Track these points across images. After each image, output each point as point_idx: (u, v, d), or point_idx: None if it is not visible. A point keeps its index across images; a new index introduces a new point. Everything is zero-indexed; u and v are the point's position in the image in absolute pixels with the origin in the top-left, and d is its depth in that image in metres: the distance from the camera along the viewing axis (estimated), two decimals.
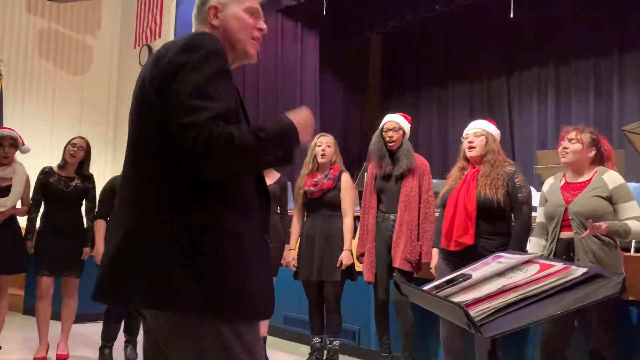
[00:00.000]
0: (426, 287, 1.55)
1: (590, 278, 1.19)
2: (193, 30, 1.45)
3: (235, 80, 1.34)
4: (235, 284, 1.23)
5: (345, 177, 3.67)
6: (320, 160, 3.66)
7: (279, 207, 3.89)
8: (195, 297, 1.18)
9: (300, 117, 1.35)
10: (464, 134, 3.13)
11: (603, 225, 2.43)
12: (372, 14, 8.08)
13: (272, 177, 3.85)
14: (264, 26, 1.46)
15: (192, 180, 1.23)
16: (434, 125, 8.85)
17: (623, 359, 2.80)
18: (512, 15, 6.17)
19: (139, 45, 7.05)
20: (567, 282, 1.19)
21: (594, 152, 2.73)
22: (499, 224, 2.96)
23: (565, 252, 2.66)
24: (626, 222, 2.55)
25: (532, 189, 3.65)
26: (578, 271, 1.21)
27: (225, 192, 1.27)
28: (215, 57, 1.26)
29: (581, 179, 2.72)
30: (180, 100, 1.20)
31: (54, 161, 3.99)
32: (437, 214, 3.35)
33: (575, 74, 7.33)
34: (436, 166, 7.35)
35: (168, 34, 6.64)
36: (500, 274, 1.36)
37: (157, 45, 6.72)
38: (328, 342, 3.64)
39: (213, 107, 1.19)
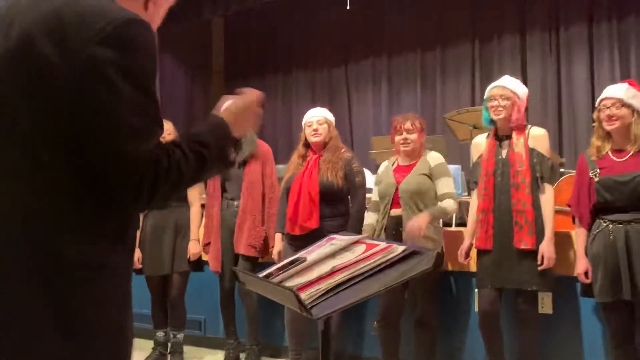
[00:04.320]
0: (266, 272, 1.56)
1: (409, 255, 1.31)
2: None
3: None
4: (122, 332, 1.03)
5: None
6: None
7: None
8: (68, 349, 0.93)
9: (233, 110, 1.13)
10: (305, 122, 3.23)
11: (422, 224, 2.65)
12: None
13: None
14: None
15: (95, 204, 0.96)
16: (279, 111, 8.98)
17: (445, 324, 3.13)
18: (348, 7, 6.46)
19: None
20: (389, 260, 1.29)
21: (423, 138, 3.01)
22: (339, 206, 3.13)
23: (394, 227, 2.89)
24: (441, 204, 2.84)
25: (368, 172, 3.90)
26: (398, 249, 1.31)
27: (125, 220, 1.03)
28: (155, 61, 1.00)
29: (411, 162, 2.98)
30: (117, 117, 0.92)
31: None
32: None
33: (404, 65, 7.93)
34: (282, 151, 7.48)
35: None
36: (332, 255, 1.42)
37: None
38: (172, 335, 3.54)
39: (155, 131, 0.97)
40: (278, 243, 3.26)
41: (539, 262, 2.58)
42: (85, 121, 0.93)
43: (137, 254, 3.50)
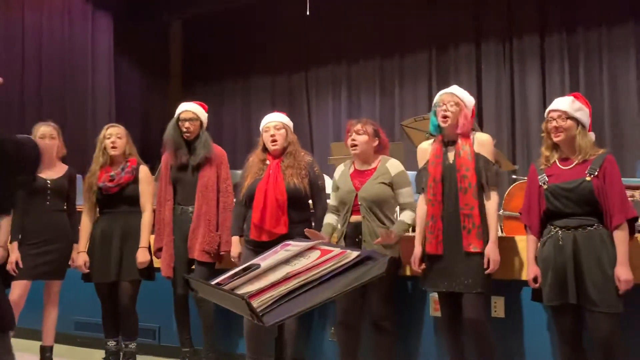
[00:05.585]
0: (218, 279, 1.54)
1: (362, 261, 1.31)
2: None
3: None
4: None
5: (144, 170, 3.47)
6: (111, 153, 3.41)
7: (65, 204, 3.53)
8: None
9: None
10: (263, 127, 3.20)
11: (392, 235, 2.75)
12: None
13: (59, 170, 3.50)
14: None
15: None
16: (238, 116, 8.93)
17: (402, 328, 3.16)
18: (308, 13, 6.48)
19: None
20: (342, 265, 1.29)
21: (377, 142, 3.01)
22: (304, 211, 3.13)
23: (354, 234, 2.90)
24: (402, 218, 2.89)
25: (327, 177, 3.90)
26: (352, 255, 1.32)
27: None
28: None
29: (368, 167, 2.99)
30: None
31: None
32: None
33: (364, 72, 8.02)
34: (241, 155, 7.39)
35: None
36: (286, 261, 1.41)
37: None
38: (124, 345, 3.44)
39: None
40: (236, 246, 3.22)
41: (485, 266, 2.63)
42: None
43: (85, 257, 3.39)
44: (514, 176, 4.63)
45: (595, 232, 2.46)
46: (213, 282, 1.43)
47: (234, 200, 3.39)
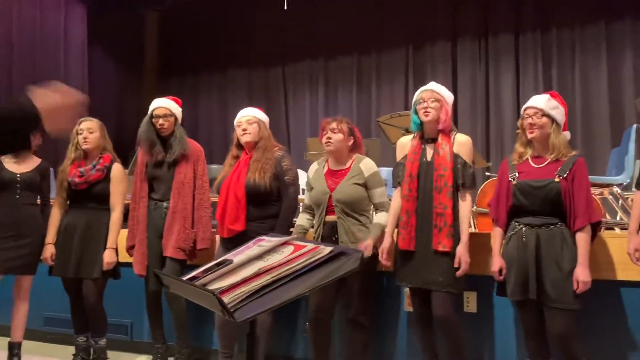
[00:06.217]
0: (191, 275, 1.53)
1: (335, 256, 1.31)
2: None
3: None
4: None
5: (117, 168, 3.38)
6: (83, 147, 3.34)
7: (39, 197, 3.46)
8: None
9: (51, 101, 1.15)
10: (236, 122, 3.19)
11: (369, 243, 2.78)
12: None
13: (31, 164, 3.42)
14: None
15: None
16: (215, 110, 8.86)
17: (377, 323, 3.18)
18: (285, 7, 6.46)
19: None
20: (315, 261, 1.29)
21: (352, 141, 3.01)
22: (269, 207, 3.07)
23: (330, 233, 2.90)
24: (377, 220, 2.91)
25: (303, 173, 3.90)
26: (325, 250, 1.32)
27: None
28: None
29: (342, 167, 2.98)
30: None
31: None
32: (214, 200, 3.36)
33: (341, 68, 8.03)
34: (217, 151, 7.38)
35: None
36: (259, 257, 1.41)
37: None
38: (93, 342, 3.39)
39: None
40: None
41: (455, 265, 2.66)
42: None
43: (51, 250, 3.33)
44: (487, 173, 4.70)
45: (557, 231, 2.51)
46: (185, 278, 1.42)
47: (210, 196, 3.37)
